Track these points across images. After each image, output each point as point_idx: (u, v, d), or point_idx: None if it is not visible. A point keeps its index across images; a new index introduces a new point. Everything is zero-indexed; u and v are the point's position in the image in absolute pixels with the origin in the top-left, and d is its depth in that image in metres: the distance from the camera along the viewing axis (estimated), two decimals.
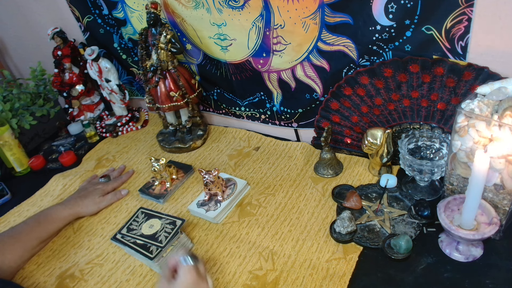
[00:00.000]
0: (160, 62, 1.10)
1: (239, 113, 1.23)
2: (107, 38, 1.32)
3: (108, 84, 1.32)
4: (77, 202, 1.02)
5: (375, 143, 0.92)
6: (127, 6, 1.17)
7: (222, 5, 0.97)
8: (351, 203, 0.90)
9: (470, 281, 0.72)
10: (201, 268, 0.76)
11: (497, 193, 0.75)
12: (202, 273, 0.75)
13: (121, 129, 1.37)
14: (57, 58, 1.33)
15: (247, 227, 0.92)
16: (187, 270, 0.73)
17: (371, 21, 0.84)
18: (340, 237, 0.83)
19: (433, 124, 0.92)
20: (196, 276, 0.72)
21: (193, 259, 0.75)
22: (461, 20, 0.76)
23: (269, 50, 1.01)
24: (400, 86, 0.90)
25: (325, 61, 0.97)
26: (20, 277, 0.90)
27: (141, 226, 0.89)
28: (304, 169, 1.05)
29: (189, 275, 0.72)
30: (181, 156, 1.21)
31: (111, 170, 1.18)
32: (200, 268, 0.76)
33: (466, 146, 0.74)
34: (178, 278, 0.73)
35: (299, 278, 0.78)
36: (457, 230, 0.72)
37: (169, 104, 1.15)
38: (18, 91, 1.34)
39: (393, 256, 0.77)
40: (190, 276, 0.72)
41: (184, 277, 0.72)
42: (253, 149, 1.17)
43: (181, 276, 0.72)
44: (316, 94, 1.04)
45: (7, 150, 1.23)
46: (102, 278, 0.87)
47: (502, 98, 0.71)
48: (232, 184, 1.01)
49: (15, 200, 1.15)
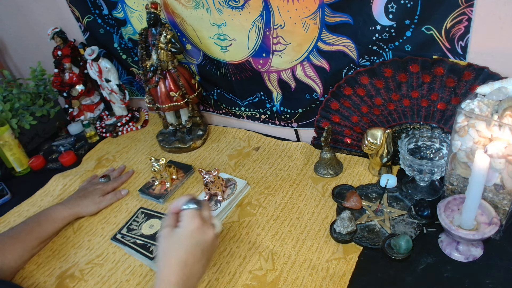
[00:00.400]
0: (160, 62, 1.10)
1: (239, 113, 1.23)
2: (107, 38, 1.32)
3: (108, 84, 1.32)
4: (77, 202, 1.02)
5: (375, 143, 0.92)
6: (127, 6, 1.17)
7: (222, 5, 0.97)
8: (351, 203, 0.90)
9: (470, 281, 0.72)
10: (205, 213, 0.71)
11: (497, 193, 0.75)
12: (207, 218, 0.71)
13: (121, 129, 1.37)
14: (57, 58, 1.33)
15: (247, 227, 0.92)
16: (190, 215, 0.68)
17: (371, 21, 0.84)
18: (340, 237, 0.83)
19: (433, 124, 0.92)
20: (199, 221, 0.68)
21: (197, 203, 0.71)
22: (461, 20, 0.76)
23: (269, 50, 1.01)
24: (400, 86, 0.90)
25: (325, 61, 0.97)
26: (20, 277, 0.90)
27: (141, 226, 0.89)
28: (304, 169, 1.05)
29: (192, 221, 0.68)
30: (181, 156, 1.21)
31: (111, 170, 1.18)
32: (205, 213, 0.71)
33: (466, 146, 0.74)
34: (180, 224, 0.69)
35: (299, 278, 0.78)
36: (457, 230, 0.72)
37: (169, 104, 1.15)
38: (18, 91, 1.34)
39: (393, 256, 0.77)
40: (193, 222, 0.67)
41: (186, 222, 0.68)
42: (253, 149, 1.17)
43: (184, 222, 0.68)
44: (316, 94, 1.04)
45: (7, 150, 1.23)
46: (102, 278, 0.87)
47: (502, 98, 0.71)
48: (232, 184, 1.01)
49: (15, 200, 1.15)
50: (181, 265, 0.65)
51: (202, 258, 0.67)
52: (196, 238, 0.67)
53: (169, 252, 0.67)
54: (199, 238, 0.67)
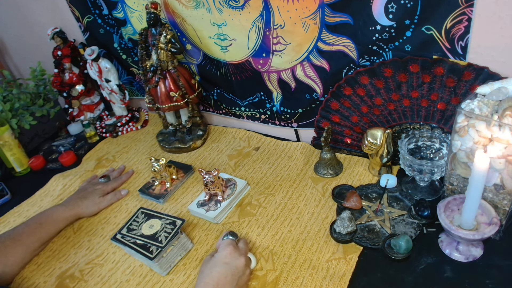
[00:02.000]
0: (160, 62, 1.10)
1: (239, 113, 1.23)
2: (107, 38, 1.32)
3: (108, 84, 1.32)
4: (77, 203, 1.02)
5: (375, 143, 0.92)
6: (127, 6, 1.17)
7: (222, 5, 0.97)
8: (351, 203, 0.90)
9: (470, 281, 0.72)
10: (241, 244, 0.82)
11: (497, 193, 0.75)
12: (241, 249, 0.80)
13: (121, 129, 1.37)
14: (57, 58, 1.33)
15: (247, 227, 0.92)
16: (225, 243, 0.79)
17: (371, 21, 0.84)
18: (340, 237, 0.83)
19: (433, 124, 0.92)
20: (232, 248, 0.78)
21: (232, 235, 0.83)
22: (461, 20, 0.76)
23: (269, 50, 1.01)
24: (400, 86, 0.90)
25: (325, 61, 0.97)
26: (20, 277, 0.90)
27: (141, 226, 0.89)
28: (304, 169, 1.05)
29: (226, 247, 0.78)
30: (181, 156, 1.21)
31: (111, 170, 1.18)
32: (240, 244, 0.82)
33: (466, 146, 0.74)
34: (218, 251, 0.79)
35: (299, 278, 0.78)
36: (457, 230, 0.72)
37: (169, 104, 1.15)
38: (18, 91, 1.34)
39: (393, 256, 0.77)
40: (227, 247, 0.78)
41: (221, 248, 0.79)
42: (253, 149, 1.17)
43: (219, 248, 0.79)
44: (316, 94, 1.04)
45: (7, 150, 1.23)
46: (102, 278, 0.87)
47: (502, 98, 0.71)
48: (232, 184, 1.01)
49: (15, 200, 1.15)
50: (213, 284, 0.72)
51: (232, 282, 0.74)
52: (228, 262, 0.76)
53: (204, 272, 0.76)
54: (231, 262, 0.76)
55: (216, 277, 0.73)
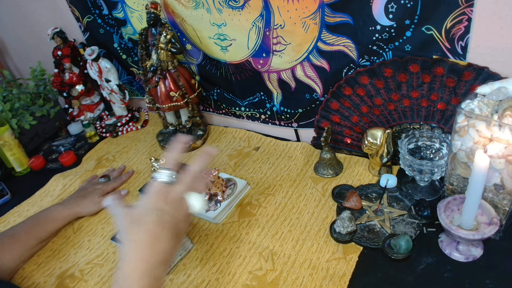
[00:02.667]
0: (160, 62, 1.10)
1: (239, 113, 1.23)
2: (107, 38, 1.32)
3: (108, 84, 1.32)
4: (77, 202, 1.02)
5: (375, 143, 0.92)
6: (127, 6, 1.17)
7: (222, 5, 0.97)
8: (351, 203, 0.90)
9: (470, 281, 0.72)
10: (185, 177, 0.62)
11: (497, 193, 0.75)
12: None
13: (121, 129, 1.37)
14: (57, 58, 1.32)
15: (247, 227, 0.92)
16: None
17: (371, 21, 0.84)
18: (340, 237, 0.83)
19: (433, 124, 0.92)
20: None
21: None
22: (461, 20, 0.76)
23: (269, 50, 1.01)
24: (400, 86, 0.90)
25: (325, 61, 0.97)
26: (20, 277, 0.90)
27: None
28: (304, 169, 1.05)
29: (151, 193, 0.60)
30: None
31: (111, 170, 1.18)
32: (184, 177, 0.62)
33: (466, 146, 0.74)
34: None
35: (299, 278, 0.78)
36: (457, 230, 0.72)
37: (169, 104, 1.15)
38: (18, 91, 1.34)
39: (393, 256, 0.77)
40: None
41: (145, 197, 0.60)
42: (253, 149, 1.17)
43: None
44: (316, 94, 1.04)
45: (7, 150, 1.23)
46: (102, 278, 0.87)
47: (502, 98, 0.71)
48: (232, 184, 1.01)
49: (15, 200, 1.15)
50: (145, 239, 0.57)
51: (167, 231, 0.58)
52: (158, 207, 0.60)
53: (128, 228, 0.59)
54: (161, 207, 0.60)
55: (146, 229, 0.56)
